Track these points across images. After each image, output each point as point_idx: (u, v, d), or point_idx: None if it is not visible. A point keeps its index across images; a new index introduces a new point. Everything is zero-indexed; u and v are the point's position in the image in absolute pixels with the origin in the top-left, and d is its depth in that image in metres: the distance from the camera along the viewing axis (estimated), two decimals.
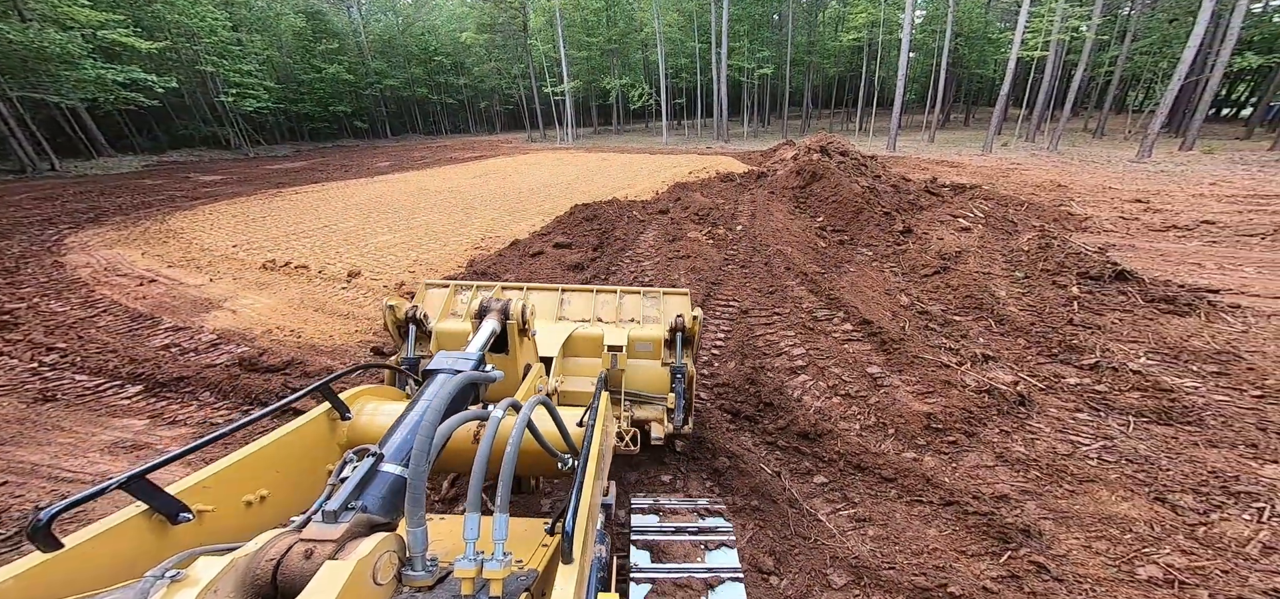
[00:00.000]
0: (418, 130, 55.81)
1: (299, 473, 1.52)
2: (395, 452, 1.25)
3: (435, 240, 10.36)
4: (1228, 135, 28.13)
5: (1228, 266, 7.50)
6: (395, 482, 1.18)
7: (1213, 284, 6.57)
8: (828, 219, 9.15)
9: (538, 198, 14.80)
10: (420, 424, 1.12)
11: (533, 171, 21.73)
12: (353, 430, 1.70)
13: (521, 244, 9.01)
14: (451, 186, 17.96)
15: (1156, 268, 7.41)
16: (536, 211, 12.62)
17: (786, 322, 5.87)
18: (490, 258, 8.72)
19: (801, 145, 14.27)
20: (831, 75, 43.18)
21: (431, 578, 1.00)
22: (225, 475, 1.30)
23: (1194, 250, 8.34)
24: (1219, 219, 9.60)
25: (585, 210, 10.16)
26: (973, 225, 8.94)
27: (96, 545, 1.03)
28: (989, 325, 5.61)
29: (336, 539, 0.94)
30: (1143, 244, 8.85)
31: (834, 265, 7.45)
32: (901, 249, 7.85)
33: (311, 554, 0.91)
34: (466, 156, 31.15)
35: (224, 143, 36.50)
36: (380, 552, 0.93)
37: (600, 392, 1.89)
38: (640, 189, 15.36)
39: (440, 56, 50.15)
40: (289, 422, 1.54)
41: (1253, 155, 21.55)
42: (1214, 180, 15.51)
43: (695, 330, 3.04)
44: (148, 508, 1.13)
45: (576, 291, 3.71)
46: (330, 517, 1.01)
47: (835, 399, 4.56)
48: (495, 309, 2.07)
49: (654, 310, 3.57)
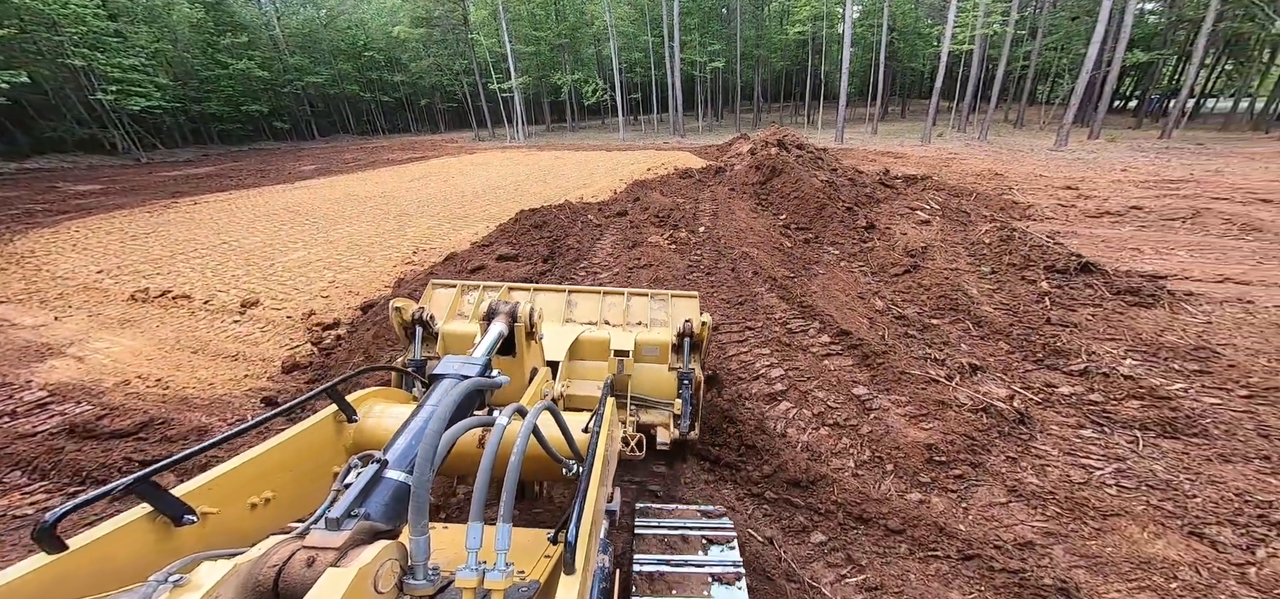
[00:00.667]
0: (350, 131, 51.31)
1: (305, 475, 1.49)
2: (399, 458, 1.24)
3: (359, 255, 9.01)
4: (1122, 125, 31.28)
5: (1162, 251, 7.80)
6: (399, 489, 1.17)
7: (1159, 270, 6.71)
8: (791, 216, 8.76)
9: (483, 202, 13.55)
10: (424, 431, 1.11)
11: (478, 172, 20.21)
12: (360, 433, 1.68)
13: (460, 257, 7.92)
14: (384, 191, 16.22)
15: (1101, 254, 7.57)
16: (480, 217, 11.44)
17: (760, 337, 5.30)
18: (423, 275, 7.59)
19: (757, 139, 13.97)
20: (779, 69, 44.06)
21: (432, 587, 0.98)
22: (231, 477, 1.28)
23: (1129, 236, 8.68)
24: (1144, 205, 10.17)
25: (534, 216, 9.18)
26: (931, 218, 8.86)
27: (101, 547, 1.03)
28: (967, 328, 5.31)
29: (339, 547, 0.93)
30: (1083, 230, 9.15)
31: (803, 267, 7.01)
32: (868, 246, 7.56)
33: (314, 562, 0.90)
34: (405, 158, 28.81)
35: (107, 147, 31.61)
36: (382, 560, 0.91)
37: (606, 398, 1.84)
38: (596, 188, 14.49)
39: (371, 52, 46.26)
40: (296, 424, 1.51)
41: (1147, 143, 23.94)
42: (1124, 166, 16.88)
43: (704, 336, 2.97)
44: (152, 510, 1.11)
45: (583, 293, 3.66)
46: (333, 524, 1.00)
47: (823, 431, 4.01)
48: (503, 312, 2.04)
49: (662, 313, 3.48)
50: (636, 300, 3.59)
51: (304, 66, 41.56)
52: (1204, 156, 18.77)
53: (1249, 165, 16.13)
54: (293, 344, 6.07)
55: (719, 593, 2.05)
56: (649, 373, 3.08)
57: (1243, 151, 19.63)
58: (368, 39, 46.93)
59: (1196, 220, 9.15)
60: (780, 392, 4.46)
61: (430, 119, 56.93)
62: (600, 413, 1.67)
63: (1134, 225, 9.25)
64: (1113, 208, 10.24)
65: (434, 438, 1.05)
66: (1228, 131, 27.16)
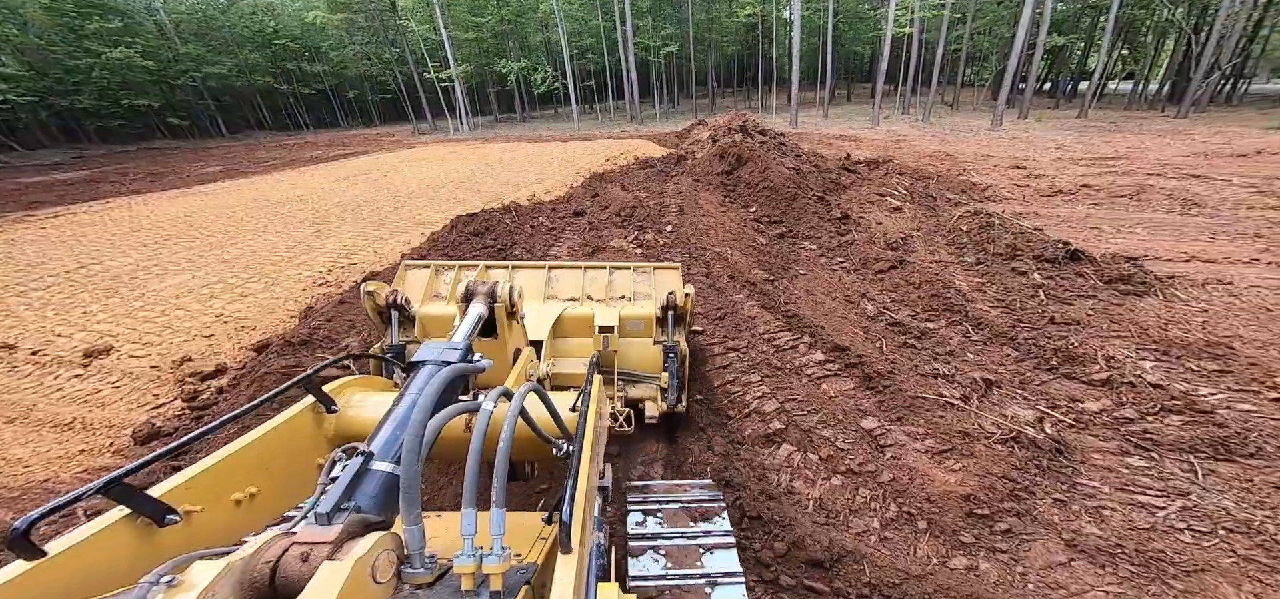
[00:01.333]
0: (266, 127, 45.94)
1: (287, 469, 1.46)
2: (384, 448, 1.22)
3: (260, 277, 7.43)
4: (1044, 106, 33.60)
5: (1121, 229, 7.84)
6: (387, 479, 1.15)
7: (1127, 250, 6.63)
8: (762, 209, 8.12)
9: (418, 204, 11.99)
10: (409, 420, 1.10)
11: (415, 170, 18.28)
12: (340, 423, 1.64)
13: (384, 277, 6.63)
14: (303, 194, 14.14)
15: (1064, 233, 7.48)
16: (414, 223, 9.99)
17: (746, 358, 4.55)
18: (339, 299, 6.25)
19: (716, 125, 13.30)
20: (730, 54, 43.83)
21: (431, 575, 0.98)
22: (211, 474, 1.25)
23: (1086, 214, 8.75)
24: (1091, 183, 10.42)
25: (473, 221, 7.94)
26: (902, 204, 8.52)
27: (82, 552, 1.00)
28: (967, 332, 4.83)
29: (333, 540, 0.91)
30: (1043, 210, 9.17)
31: (781, 268, 6.35)
32: (846, 239, 7.03)
33: (308, 556, 0.89)
34: (331, 155, 25.94)
35: None
36: (377, 551, 0.91)
37: (593, 375, 1.79)
38: (550, 184, 13.27)
39: (283, 40, 41.30)
40: (272, 418, 1.48)
41: (1068, 123, 25.67)
42: (1058, 145, 17.76)
43: (687, 308, 2.98)
44: (131, 512, 1.09)
45: (564, 269, 3.56)
46: (323, 518, 0.99)
47: (835, 480, 3.31)
48: (482, 292, 1.97)
49: (645, 286, 3.44)
50: (619, 274, 3.50)
51: (202, 56, 36.39)
52: (1120, 135, 20.23)
53: (1161, 142, 17.43)
54: (155, 402, 4.68)
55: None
56: (635, 347, 3.02)
57: (1150, 130, 21.34)
58: (279, 25, 41.91)
59: (1142, 197, 9.42)
60: (778, 431, 3.72)
61: (362, 112, 52.23)
62: (587, 390, 1.63)
63: (1087, 204, 9.39)
64: (1064, 187, 10.42)
65: (419, 427, 1.04)
66: (1131, 112, 29.78)
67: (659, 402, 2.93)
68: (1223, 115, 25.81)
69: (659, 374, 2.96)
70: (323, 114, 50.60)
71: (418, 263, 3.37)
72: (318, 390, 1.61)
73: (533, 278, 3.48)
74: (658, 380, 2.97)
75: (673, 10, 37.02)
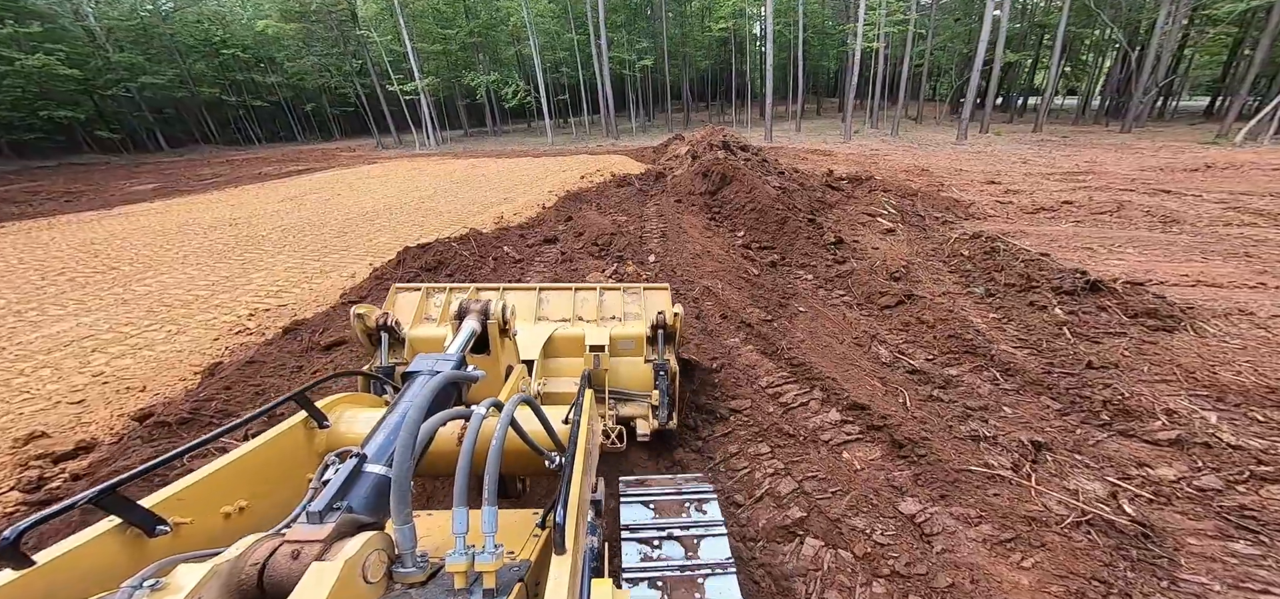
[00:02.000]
0: (213, 141, 42.90)
1: (277, 482, 1.47)
2: (378, 452, 1.22)
3: (166, 321, 6.21)
4: (999, 120, 35.17)
5: (1113, 249, 7.63)
6: (379, 481, 1.15)
7: (1131, 273, 6.33)
8: (751, 233, 7.51)
9: (370, 228, 10.84)
10: (403, 423, 1.08)
11: (372, 188, 16.98)
12: (331, 438, 1.65)
13: (311, 325, 5.59)
14: (241, 216, 12.70)
15: (1057, 254, 7.20)
16: (362, 251, 8.89)
17: (751, 424, 3.82)
18: (253, 352, 5.16)
19: (694, 140, 12.79)
20: (703, 68, 44.15)
21: (423, 574, 0.97)
22: (202, 487, 1.26)
23: (1073, 233, 8.58)
24: (1069, 199, 10.39)
25: (426, 253, 6.95)
26: (894, 225, 8.11)
27: (70, 561, 1.00)
28: (995, 379, 4.27)
29: (323, 539, 0.90)
30: (1030, 228, 8.97)
31: (778, 303, 5.70)
32: (844, 268, 6.47)
33: (298, 555, 0.87)
34: (283, 172, 24.14)
35: None
36: (368, 550, 0.90)
37: (584, 388, 1.87)
38: (520, 204, 12.36)
39: (232, 50, 38.81)
40: (264, 432, 1.49)
41: (1026, 137, 26.75)
42: (1023, 160, 18.23)
43: (677, 327, 3.00)
44: (122, 522, 1.08)
45: (555, 290, 3.60)
46: (314, 517, 0.98)
47: (877, 588, 2.59)
48: (475, 310, 2.00)
49: (635, 306, 3.45)
50: (609, 294, 3.54)
51: (138, 64, 33.62)
52: (1075, 149, 21.06)
53: (1115, 156, 18.15)
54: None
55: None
56: (625, 366, 3.07)
57: (1100, 145, 22.34)
58: (227, 35, 39.40)
59: (1121, 214, 9.38)
60: (799, 521, 2.99)
61: (321, 126, 49.73)
62: (580, 402, 1.65)
63: (1071, 221, 9.27)
64: (1044, 203, 10.35)
65: (413, 427, 1.03)
66: (1079, 126, 31.47)
67: (650, 419, 2.96)
68: (1158, 130, 27.54)
69: (650, 392, 2.99)
70: (277, 128, 47.83)
71: (408, 286, 3.31)
72: (310, 405, 1.60)
73: (524, 299, 3.48)
74: (649, 398, 3.00)
75: (647, 24, 36.98)
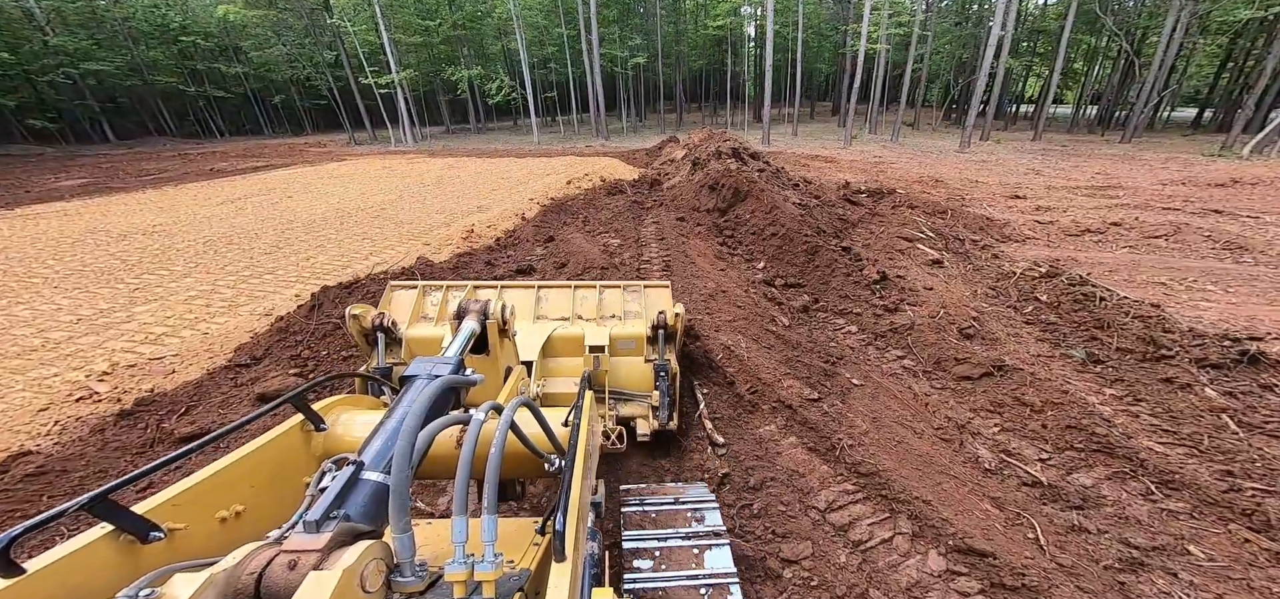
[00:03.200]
0: (170, 132, 39.92)
1: (274, 487, 1.43)
2: (376, 459, 1.20)
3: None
4: (995, 127, 34.69)
5: (1191, 286, 6.49)
6: (377, 489, 1.13)
7: (1229, 322, 5.16)
8: (774, 265, 6.16)
9: (312, 242, 9.16)
10: (400, 430, 1.07)
11: (332, 189, 15.21)
12: (329, 441, 1.61)
13: (171, 401, 4.00)
14: (166, 222, 10.87)
15: (1122, 287, 6.03)
16: (293, 274, 7.26)
17: (814, 582, 2.46)
18: (80, 438, 3.58)
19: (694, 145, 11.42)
20: (697, 69, 42.80)
21: (422, 583, 0.95)
22: (197, 491, 1.22)
23: (1133, 262, 7.45)
24: (1117, 220, 9.30)
25: (351, 294, 5.33)
26: (940, 255, 6.85)
27: (62, 569, 0.97)
28: (1148, 492, 3.00)
29: (320, 548, 0.87)
30: (1079, 254, 7.83)
31: (822, 370, 4.34)
32: (898, 318, 5.15)
33: (295, 565, 0.85)
34: (243, 167, 22.07)
35: None
36: (366, 559, 0.87)
37: (584, 390, 1.81)
38: (495, 213, 10.81)
39: (192, 37, 35.99)
40: (260, 436, 1.45)
41: (1027, 145, 26.11)
42: (1035, 170, 17.31)
43: (677, 326, 2.98)
44: (114, 529, 1.05)
45: (554, 288, 3.55)
46: (312, 526, 0.95)
47: None
48: (474, 309, 1.98)
49: (635, 304, 3.43)
50: (609, 292, 3.48)
51: (84, 49, 30.77)
52: (1081, 159, 20.32)
53: (1127, 167, 17.38)
54: None
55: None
56: (625, 366, 3.03)
57: (1103, 154, 21.69)
58: (187, 20, 36.60)
59: (1179, 238, 8.31)
60: None
61: (292, 119, 46.96)
62: (579, 405, 1.64)
63: (1123, 247, 8.16)
64: (1087, 224, 9.25)
65: (411, 435, 1.02)
66: (1074, 135, 31.07)
67: (650, 420, 2.93)
68: (1156, 140, 27.17)
69: (650, 392, 2.96)
70: (243, 121, 44.97)
71: (404, 283, 3.28)
72: (306, 408, 1.56)
73: (522, 298, 3.42)
74: (649, 399, 2.97)
75: (640, 21, 35.48)
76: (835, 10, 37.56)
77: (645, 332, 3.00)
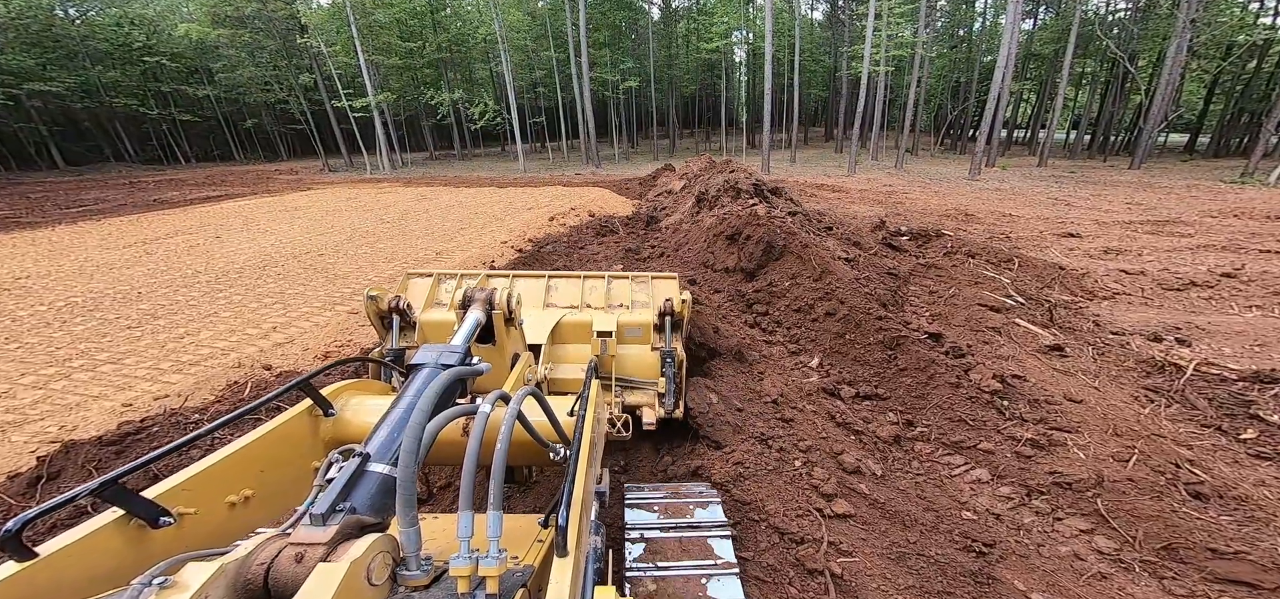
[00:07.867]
0: (129, 158, 37.43)
1: (283, 472, 1.45)
2: (382, 450, 1.21)
3: None
4: (994, 152, 33.93)
5: None
6: (384, 481, 1.15)
7: None
8: (833, 362, 4.21)
9: (206, 308, 6.90)
10: (407, 422, 1.07)
11: (278, 227, 13.10)
12: (337, 426, 1.62)
13: None
14: (38, 271, 8.63)
15: None
16: (146, 369, 5.07)
17: None
18: None
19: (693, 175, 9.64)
20: (689, 94, 41.89)
21: (427, 577, 0.97)
22: (206, 476, 1.23)
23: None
24: (1230, 272, 7.57)
25: (181, 427, 3.28)
26: (1052, 334, 4.98)
27: (73, 553, 0.98)
28: None
29: (327, 541, 0.89)
30: (1201, 321, 6.03)
31: (967, 577, 2.34)
32: (1052, 457, 3.20)
33: (303, 558, 0.87)
34: (195, 198, 19.93)
35: None
36: (373, 552, 0.89)
37: (590, 379, 1.79)
38: (456, 262, 8.84)
39: (156, 57, 33.98)
40: (269, 420, 1.46)
41: (1034, 170, 25.09)
42: (1065, 201, 15.85)
43: (685, 314, 3.01)
44: (124, 514, 1.07)
45: (563, 277, 3.61)
46: (318, 519, 0.97)
47: None
48: (480, 298, 1.99)
49: (643, 294, 3.42)
50: (617, 282, 3.53)
51: (29, 69, 28.54)
52: (1099, 187, 19.09)
53: (1156, 197, 16.00)
54: None
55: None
56: (632, 354, 3.07)
57: (1119, 182, 20.51)
58: (152, 40, 34.65)
59: None
60: None
61: (266, 145, 44.87)
62: (585, 394, 1.62)
63: (1254, 309, 6.42)
64: (1188, 275, 7.54)
65: (417, 429, 1.02)
66: (1078, 161, 30.31)
67: (656, 408, 2.92)
68: (1162, 166, 26.37)
69: (656, 380, 2.97)
70: (212, 146, 42.72)
71: (420, 272, 3.34)
72: (315, 393, 1.56)
73: (532, 286, 3.48)
74: (655, 386, 2.98)
75: (631, 45, 34.42)
76: (828, 34, 37.05)
77: (652, 319, 3.01)
